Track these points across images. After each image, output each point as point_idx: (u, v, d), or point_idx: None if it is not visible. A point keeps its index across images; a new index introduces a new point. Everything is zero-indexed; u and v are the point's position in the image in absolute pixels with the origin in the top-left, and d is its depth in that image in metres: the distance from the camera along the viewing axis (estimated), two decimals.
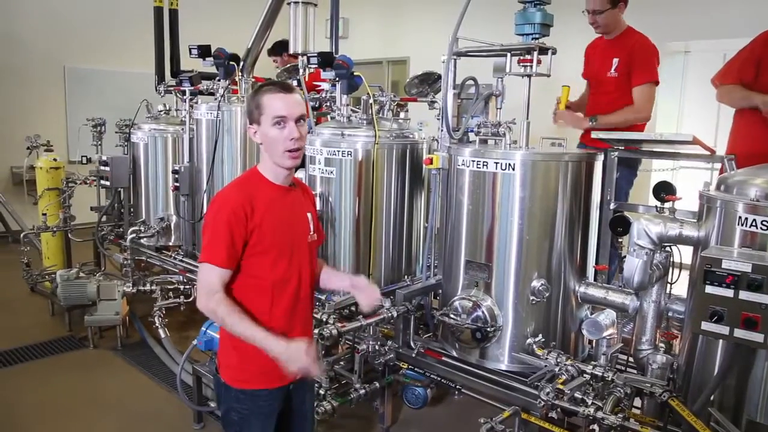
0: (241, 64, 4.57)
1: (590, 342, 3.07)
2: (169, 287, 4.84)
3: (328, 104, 4.05)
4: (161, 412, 3.91)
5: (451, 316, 3.00)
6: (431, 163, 3.35)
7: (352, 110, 3.73)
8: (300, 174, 4.10)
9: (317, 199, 3.62)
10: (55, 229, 5.69)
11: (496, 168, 2.92)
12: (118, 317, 4.72)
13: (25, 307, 5.60)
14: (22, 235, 5.84)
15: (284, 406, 2.23)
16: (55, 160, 5.86)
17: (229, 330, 2.04)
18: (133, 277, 5.00)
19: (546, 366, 2.65)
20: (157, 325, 4.55)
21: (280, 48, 5.90)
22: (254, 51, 4.55)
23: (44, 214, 5.71)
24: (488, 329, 2.89)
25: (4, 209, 7.53)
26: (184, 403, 3.70)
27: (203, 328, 3.61)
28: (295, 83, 4.30)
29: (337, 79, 3.71)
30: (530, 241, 2.93)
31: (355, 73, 3.61)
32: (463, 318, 2.95)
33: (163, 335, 4.52)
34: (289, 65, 4.57)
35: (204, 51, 4.56)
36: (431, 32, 8.95)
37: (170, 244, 5.35)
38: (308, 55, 3.72)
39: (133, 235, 4.99)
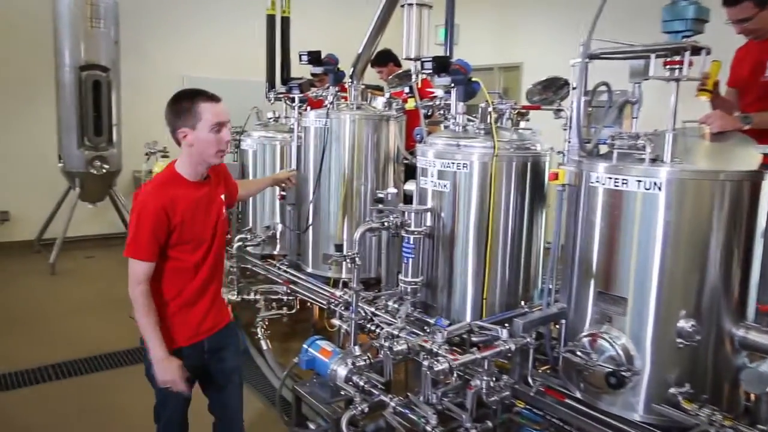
0: (351, 70, 4.41)
1: (747, 396, 2.59)
2: (273, 297, 4.77)
3: (441, 112, 3.79)
4: (255, 425, 3.80)
5: (579, 353, 2.63)
6: (556, 178, 2.99)
7: (468, 119, 3.44)
8: (410, 186, 3.87)
9: (428, 215, 3.37)
10: None
11: (638, 187, 2.53)
12: None
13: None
14: None
15: (204, 367, 2.64)
16: None
17: (137, 317, 2.42)
18: (238, 284, 4.99)
19: (698, 425, 2.23)
20: (259, 336, 4.48)
21: (384, 57, 5.72)
22: (365, 56, 4.38)
23: None
24: (624, 373, 2.49)
25: (125, 210, 7.90)
26: (281, 420, 3.57)
27: (305, 346, 3.46)
28: (406, 90, 4.09)
29: (453, 85, 3.44)
30: (676, 273, 2.51)
31: (473, 79, 3.32)
32: (594, 357, 2.57)
33: (264, 347, 4.44)
34: (400, 71, 4.36)
35: (314, 57, 4.46)
36: (546, 36, 8.52)
37: (275, 252, 5.30)
38: (422, 59, 3.48)
39: (240, 243, 4.97)
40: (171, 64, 8.56)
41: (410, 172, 4.54)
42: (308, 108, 4.57)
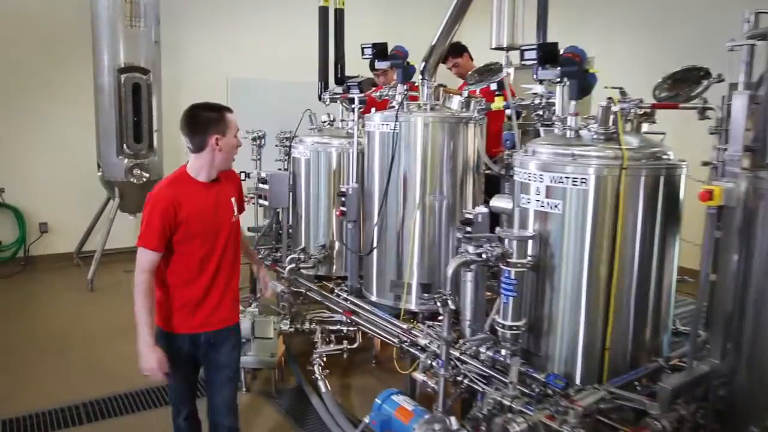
0: (422, 64, 3.76)
1: None
2: (331, 328, 4.16)
3: (541, 113, 3.11)
4: None
5: None
6: (710, 198, 2.28)
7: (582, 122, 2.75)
8: (499, 202, 3.21)
9: (529, 243, 2.69)
10: None
11: None
12: (273, 360, 4.10)
13: None
14: None
15: (200, 354, 2.78)
16: None
17: (135, 301, 2.55)
18: (291, 310, 4.40)
19: None
20: (316, 375, 3.87)
21: (458, 49, 5.05)
22: (439, 48, 3.72)
23: None
24: None
25: None
26: None
27: (378, 401, 2.84)
28: (493, 87, 3.41)
29: (559, 79, 2.76)
30: None
31: (590, 71, 2.63)
32: None
33: (323, 388, 3.83)
34: (481, 66, 3.69)
35: (380, 50, 3.83)
36: (622, 26, 7.69)
37: (332, 273, 4.69)
38: (522, 48, 2.80)
39: (293, 265, 4.37)
40: (214, 65, 8.03)
41: (492, 185, 3.88)
42: (373, 110, 3.91)
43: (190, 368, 2.87)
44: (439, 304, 2.60)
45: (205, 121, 2.62)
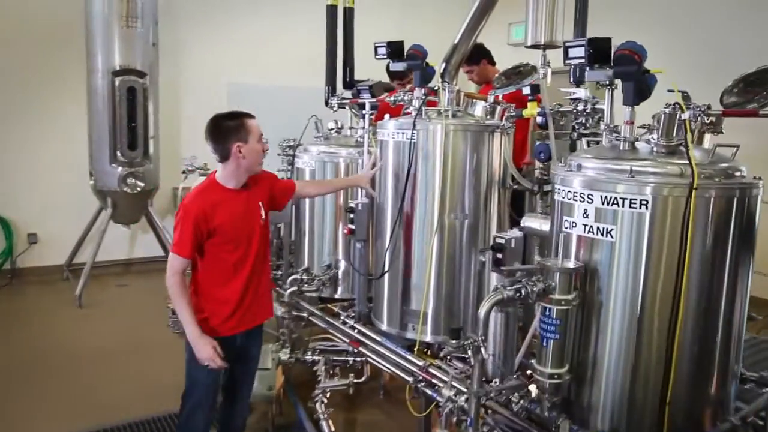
0: (442, 66, 3.36)
1: None
2: (336, 358, 3.73)
3: (583, 120, 2.69)
4: None
5: None
6: None
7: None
8: (533, 223, 2.79)
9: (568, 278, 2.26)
10: None
11: None
12: (272, 393, 3.67)
13: (165, 357, 4.41)
14: None
15: (232, 355, 2.82)
16: None
17: (173, 302, 2.71)
18: (292, 336, 3.97)
19: None
20: (319, 414, 3.43)
21: (478, 53, 4.61)
22: (462, 48, 3.32)
23: None
24: None
25: (166, 233, 7.00)
26: None
27: None
28: (526, 90, 3.00)
29: (607, 83, 2.34)
30: None
31: (651, 71, 2.20)
32: None
33: (326, 429, 3.39)
34: (508, 68, 3.28)
35: (395, 50, 3.41)
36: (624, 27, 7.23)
37: (336, 296, 4.27)
38: (567, 44, 2.38)
39: (295, 287, 3.94)
40: (215, 70, 7.62)
41: (513, 200, 3.46)
42: (387, 116, 3.50)
43: (221, 371, 2.87)
44: (470, 352, 2.17)
45: (225, 130, 2.69)
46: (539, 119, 3.18)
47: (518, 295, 2.17)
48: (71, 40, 6.47)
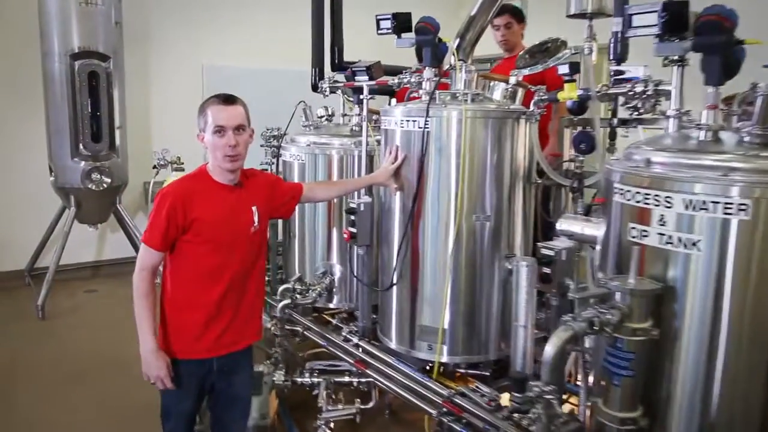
0: (456, 42, 2.87)
1: None
2: (338, 380, 3.27)
3: (641, 104, 2.24)
4: None
5: None
6: None
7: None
8: (573, 226, 2.35)
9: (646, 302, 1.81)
10: None
11: None
12: (266, 422, 3.21)
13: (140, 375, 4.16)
14: None
15: (210, 385, 2.50)
16: None
17: (134, 303, 2.34)
18: (286, 356, 3.50)
19: None
20: None
21: (520, 13, 4.03)
22: (479, 21, 2.84)
23: None
24: None
25: (136, 231, 6.42)
26: None
27: None
28: (564, 69, 2.53)
29: (678, 59, 1.89)
30: None
31: (744, 42, 1.76)
32: None
33: None
34: (533, 45, 2.81)
35: (401, 22, 2.92)
36: None
37: (331, 305, 3.80)
38: (630, 11, 1.92)
39: (287, 301, 3.45)
40: (188, 52, 6.97)
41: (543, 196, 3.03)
42: (393, 101, 3.02)
43: (193, 402, 2.55)
44: (540, 410, 1.71)
45: (197, 115, 2.41)
46: (568, 103, 2.74)
47: (591, 325, 1.72)
48: (22, 20, 5.81)
